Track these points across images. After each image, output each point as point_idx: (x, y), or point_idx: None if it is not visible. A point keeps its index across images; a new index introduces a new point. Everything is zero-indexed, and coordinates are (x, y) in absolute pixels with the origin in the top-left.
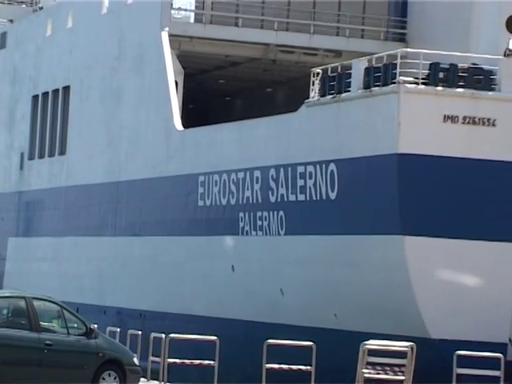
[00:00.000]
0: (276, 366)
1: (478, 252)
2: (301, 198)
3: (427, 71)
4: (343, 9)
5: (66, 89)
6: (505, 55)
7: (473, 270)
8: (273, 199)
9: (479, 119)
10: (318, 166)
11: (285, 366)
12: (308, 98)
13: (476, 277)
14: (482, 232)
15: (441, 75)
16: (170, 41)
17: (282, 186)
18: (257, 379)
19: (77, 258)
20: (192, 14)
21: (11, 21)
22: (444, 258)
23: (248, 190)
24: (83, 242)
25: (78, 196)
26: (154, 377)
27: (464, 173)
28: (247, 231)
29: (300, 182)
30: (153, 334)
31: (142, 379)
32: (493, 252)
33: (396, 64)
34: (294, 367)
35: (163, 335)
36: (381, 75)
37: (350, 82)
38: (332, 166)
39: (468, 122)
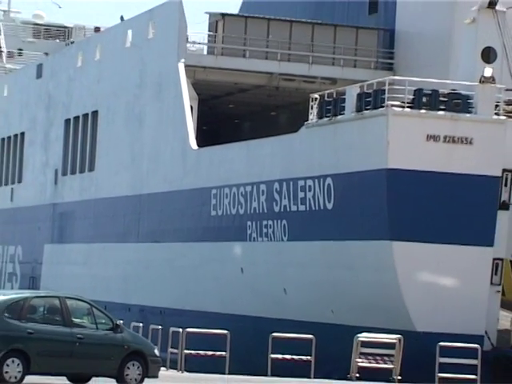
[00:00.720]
0: (280, 356)
1: (457, 255)
2: (301, 208)
3: (412, 96)
4: (338, 41)
5: (95, 113)
6: (480, 82)
7: (452, 271)
8: (277, 209)
9: (458, 138)
10: (316, 180)
11: (288, 357)
12: (307, 120)
13: (455, 277)
14: (460, 238)
15: (424, 99)
16: (185, 70)
17: (284, 198)
18: (263, 368)
19: (104, 261)
20: (205, 47)
21: (46, 54)
22: (427, 260)
23: (255, 201)
24: (110, 248)
25: (106, 207)
26: (173, 366)
27: (444, 186)
28: (254, 238)
29: (301, 194)
30: (171, 329)
31: (162, 368)
32: (470, 255)
33: (384, 90)
34: (296, 357)
35: (180, 329)
36: (371, 100)
37: (344, 106)
38: (329, 180)
39: (448, 141)
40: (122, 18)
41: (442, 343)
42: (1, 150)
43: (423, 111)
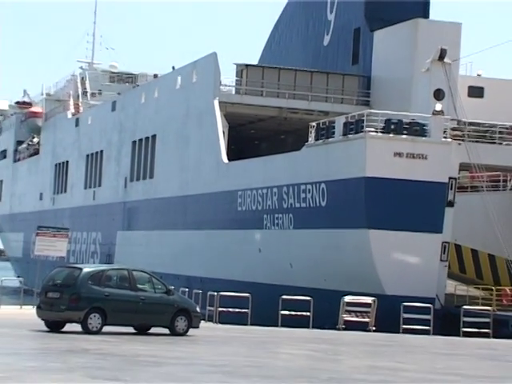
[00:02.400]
0: (287, 312)
1: (416, 239)
2: (303, 205)
3: (383, 124)
4: (329, 84)
5: (154, 136)
6: (433, 114)
7: (412, 251)
8: (285, 206)
9: (416, 155)
10: (314, 185)
11: (293, 313)
12: (307, 142)
13: (414, 255)
14: (418, 226)
15: (392, 127)
16: (219, 106)
17: (291, 198)
18: (275, 321)
19: (160, 244)
20: (233, 88)
21: (119, 93)
22: (395, 243)
23: (269, 200)
24: (164, 234)
25: (161, 204)
26: (210, 319)
27: (407, 189)
28: (268, 226)
29: (302, 195)
30: (209, 292)
31: (202, 321)
32: (425, 239)
33: (363, 120)
34: (299, 313)
35: (215, 293)
36: (354, 127)
37: (334, 131)
38: (323, 185)
39: (409, 157)
40: (173, 67)
41: (404, 303)
42: (85, 163)
43: (391, 135)
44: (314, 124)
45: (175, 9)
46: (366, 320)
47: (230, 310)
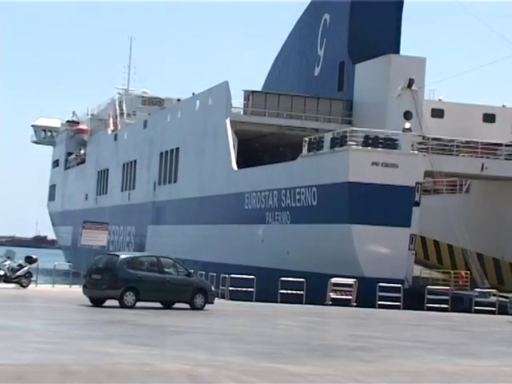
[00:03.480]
0: (284, 291)
1: (389, 232)
2: (298, 204)
3: (363, 139)
4: (319, 107)
5: (177, 149)
6: (403, 131)
7: (386, 242)
8: (283, 205)
9: (389, 164)
10: (307, 188)
11: (289, 291)
12: (301, 153)
13: (388, 245)
14: (391, 222)
15: (370, 141)
16: (230, 124)
17: (288, 199)
18: (275, 298)
19: (182, 235)
20: (242, 110)
21: (149, 114)
22: (372, 235)
23: (271, 200)
24: (186, 228)
25: (183, 204)
26: (222, 297)
27: (382, 192)
28: (270, 222)
29: (297, 196)
30: (221, 275)
31: (216, 298)
32: (396, 232)
33: (347, 136)
34: (294, 292)
35: (227, 275)
36: (339, 141)
37: (323, 145)
38: (314, 188)
39: (384, 166)
40: (193, 93)
41: (380, 284)
42: (122, 170)
43: (369, 148)
44: (306, 139)
45: (194, 44)
46: (349, 297)
47: (239, 289)
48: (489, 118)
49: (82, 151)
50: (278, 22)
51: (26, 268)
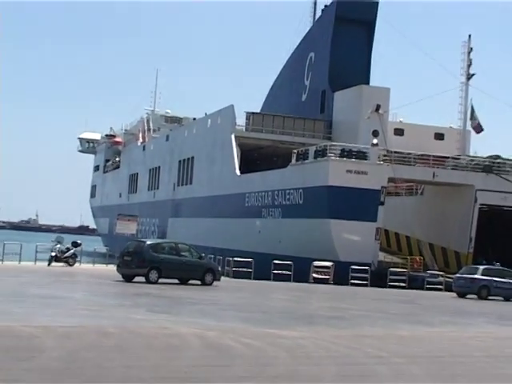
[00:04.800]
0: (277, 271)
1: (360, 226)
2: (288, 202)
3: (340, 152)
4: (305, 126)
5: (192, 158)
6: (371, 146)
7: (358, 233)
8: (276, 203)
9: (360, 171)
10: (295, 190)
11: (280, 272)
12: (291, 162)
13: (359, 236)
14: (362, 217)
15: (345, 153)
16: (235, 138)
17: (280, 198)
18: (269, 277)
19: (196, 226)
20: (244, 127)
21: (171, 130)
22: (346, 228)
23: (266, 199)
24: (198, 220)
25: (197, 201)
26: (227, 275)
27: (355, 194)
28: (265, 216)
29: (287, 196)
30: (226, 258)
31: (222, 276)
32: (366, 226)
33: (327, 149)
34: (284, 272)
35: (231, 258)
36: (321, 153)
37: (308, 156)
38: (301, 190)
39: (356, 173)
40: (205, 113)
41: (352, 266)
42: (149, 174)
43: (345, 159)
44: (295, 151)
45: (207, 72)
46: (327, 277)
47: (240, 269)
48: (439, 136)
49: (117, 159)
50: (274, 56)
51: (72, 250)
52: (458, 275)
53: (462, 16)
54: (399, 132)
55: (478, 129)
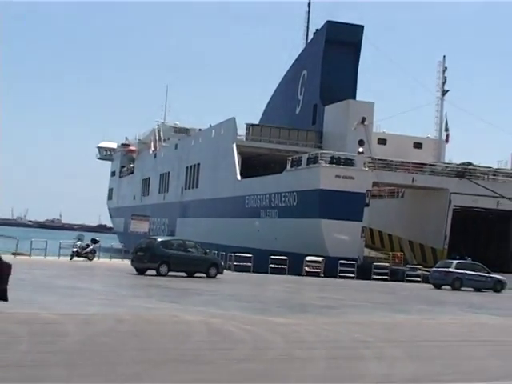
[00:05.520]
0: (273, 265)
1: (348, 225)
2: (283, 204)
3: (330, 159)
4: (299, 136)
5: (198, 164)
6: (357, 153)
7: (346, 232)
8: (273, 205)
9: (348, 176)
10: (289, 193)
11: (276, 266)
12: (286, 168)
13: (347, 234)
14: (349, 217)
15: (334, 160)
16: (236, 147)
17: (276, 200)
18: (266, 270)
19: (201, 225)
20: (244, 137)
21: (179, 139)
22: (336, 227)
23: (264, 201)
24: (204, 220)
25: (202, 203)
26: (229, 269)
27: (342, 196)
28: (263, 216)
29: (283, 199)
30: (229, 253)
31: (224, 270)
32: (353, 225)
33: (318, 156)
34: (280, 266)
35: (232, 254)
36: (313, 160)
37: (301, 162)
38: (295, 193)
39: (344, 178)
40: (210, 125)
41: (340, 261)
42: (159, 179)
43: (334, 165)
44: (290, 158)
45: (212, 87)
46: (318, 270)
47: (240, 263)
48: (417, 145)
49: (132, 165)
50: (272, 73)
51: (91, 247)
52: (434, 269)
53: (439, 37)
54: (382, 141)
55: (447, 139)
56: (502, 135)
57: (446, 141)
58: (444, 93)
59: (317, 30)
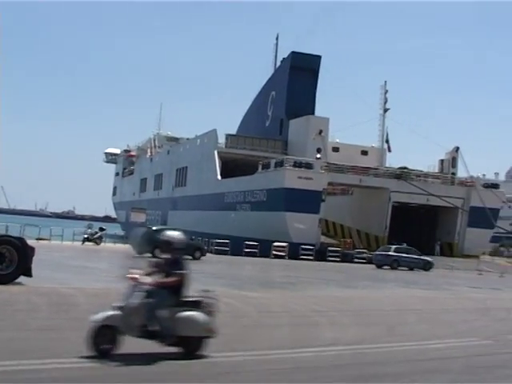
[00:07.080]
0: (247, 250)
1: (308, 217)
2: (255, 200)
3: (293, 163)
4: (268, 144)
5: (186, 167)
6: (316, 159)
7: (305, 222)
8: (247, 200)
9: (308, 177)
10: (260, 191)
11: (250, 250)
12: (258, 170)
13: (306, 224)
14: (309, 210)
15: (297, 164)
16: (217, 153)
17: (249, 196)
18: (241, 253)
19: (189, 217)
20: (224, 145)
21: (171, 146)
22: (297, 219)
23: (239, 197)
24: (191, 212)
25: (189, 199)
26: (210, 252)
27: (303, 193)
28: (239, 209)
29: (255, 195)
30: (210, 240)
31: (207, 253)
32: (311, 217)
33: (284, 161)
34: (252, 250)
35: (213, 240)
36: (279, 164)
37: (270, 166)
38: (265, 191)
39: (304, 178)
40: (196, 135)
41: (302, 246)
42: (154, 179)
43: (296, 168)
44: (261, 162)
45: (198, 102)
46: (284, 254)
47: (220, 248)
48: (364, 153)
49: (132, 167)
50: (247, 92)
51: (99, 233)
52: (376, 252)
53: (383, 62)
54: (336, 149)
55: (389, 148)
56: (432, 145)
57: (389, 150)
58: (385, 110)
59: (283, 58)
